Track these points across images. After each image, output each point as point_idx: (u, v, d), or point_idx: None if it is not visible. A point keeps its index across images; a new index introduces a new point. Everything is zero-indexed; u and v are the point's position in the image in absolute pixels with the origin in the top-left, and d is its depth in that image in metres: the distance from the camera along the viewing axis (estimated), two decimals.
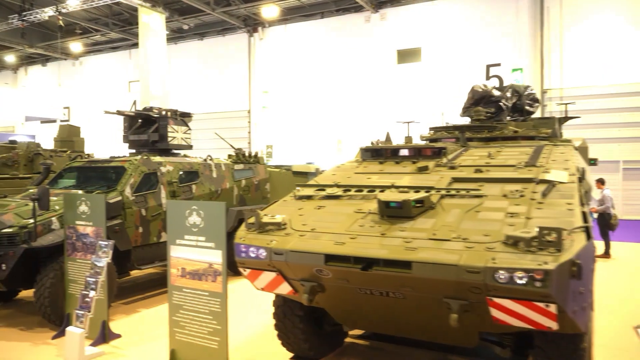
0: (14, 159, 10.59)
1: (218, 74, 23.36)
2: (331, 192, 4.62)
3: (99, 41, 26.70)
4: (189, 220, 4.57)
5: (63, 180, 7.69)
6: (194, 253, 4.56)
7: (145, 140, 8.12)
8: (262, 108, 22.36)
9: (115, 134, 25.81)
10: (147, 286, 8.23)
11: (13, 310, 6.99)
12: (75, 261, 5.86)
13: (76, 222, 5.83)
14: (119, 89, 26.70)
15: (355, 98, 19.86)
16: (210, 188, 8.21)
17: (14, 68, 31.78)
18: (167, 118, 8.09)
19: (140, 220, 6.98)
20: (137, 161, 7.22)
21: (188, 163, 8.02)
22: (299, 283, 3.95)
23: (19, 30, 22.72)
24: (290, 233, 3.99)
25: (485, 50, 17.38)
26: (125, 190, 6.86)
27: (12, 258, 5.75)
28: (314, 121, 20.64)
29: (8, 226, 5.90)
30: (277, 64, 21.85)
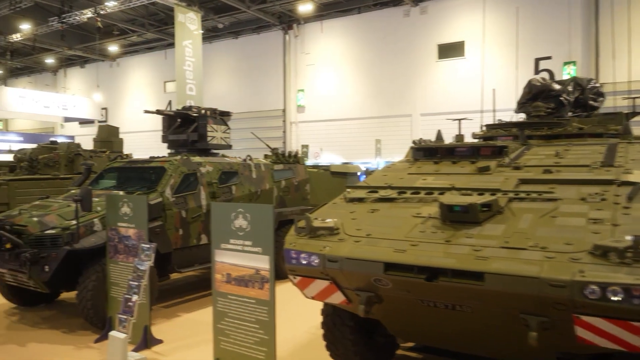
0: (55, 160, 10.82)
1: (252, 73, 23.44)
2: (385, 194, 4.38)
3: (135, 42, 27.27)
4: (235, 223, 4.42)
5: (103, 181, 7.74)
6: (239, 258, 4.41)
7: (184, 140, 8.08)
8: (297, 107, 22.29)
9: (151, 135, 26.40)
10: (185, 289, 8.20)
11: (56, 311, 7.07)
12: (117, 264, 5.83)
13: (118, 223, 5.80)
14: (155, 89, 27.20)
15: (394, 96, 19.50)
16: (249, 189, 8.11)
17: (53, 70, 32.91)
18: (207, 117, 8.03)
19: (180, 222, 6.93)
20: (177, 161, 7.18)
21: (228, 163, 7.94)
22: (353, 293, 3.73)
23: (59, 33, 23.44)
24: (344, 239, 3.78)
25: (534, 43, 16.70)
26: (166, 191, 6.82)
27: (55, 260, 5.77)
28: (352, 120, 20.39)
29: (51, 227, 5.94)
30: (313, 62, 21.72)
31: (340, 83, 20.95)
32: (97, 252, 5.99)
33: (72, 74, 32.21)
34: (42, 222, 5.97)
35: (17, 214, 6.35)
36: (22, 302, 7.14)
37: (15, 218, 6.17)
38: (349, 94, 20.68)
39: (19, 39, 24.69)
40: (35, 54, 29.34)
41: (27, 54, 29.76)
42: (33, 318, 6.74)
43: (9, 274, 6.25)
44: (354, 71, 20.65)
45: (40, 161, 10.69)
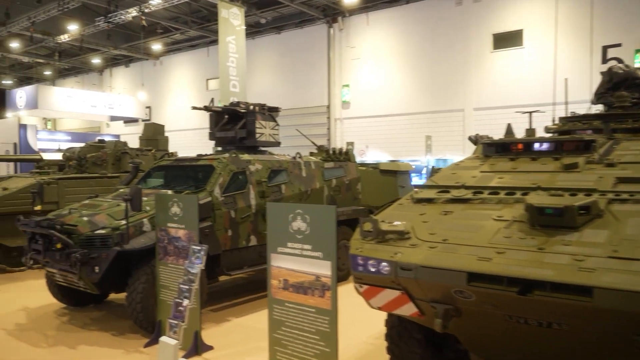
0: (103, 158, 10.95)
1: (296, 69, 23.34)
2: (458, 194, 4.03)
3: (178, 40, 27.76)
4: (293, 225, 4.19)
5: (151, 180, 7.72)
6: (298, 263, 4.17)
7: (232, 137, 7.96)
8: (342, 103, 22.01)
9: (194, 133, 26.82)
10: (234, 292, 8.08)
11: (105, 312, 7.10)
12: (167, 266, 5.74)
13: (168, 224, 5.70)
14: (197, 87, 27.61)
15: (445, 89, 18.89)
16: (299, 188, 7.90)
17: (99, 70, 34.03)
18: (255, 113, 7.88)
19: (229, 222, 6.80)
20: (226, 159, 7.05)
21: (277, 161, 7.76)
22: (427, 304, 3.42)
23: (105, 33, 24.13)
24: (416, 244, 3.47)
25: (601, 29, 15.70)
26: (215, 191, 6.70)
27: (105, 260, 5.75)
28: (399, 116, 19.92)
29: (101, 227, 5.92)
30: (358, 56, 21.38)
31: (388, 77, 20.50)
32: (147, 253, 5.93)
33: (118, 73, 33.19)
34: (92, 222, 5.96)
35: (67, 213, 6.38)
36: (72, 302, 7.21)
37: (65, 217, 6.20)
38: (396, 89, 20.20)
39: (67, 39, 25.59)
40: (82, 55, 30.37)
41: (74, 54, 30.86)
42: (82, 319, 6.78)
43: (59, 274, 6.30)
44: (402, 65, 20.16)
45: (89, 160, 10.85)
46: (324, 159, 8.79)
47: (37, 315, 7.01)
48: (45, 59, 31.35)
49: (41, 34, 24.95)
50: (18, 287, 8.57)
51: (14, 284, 8.78)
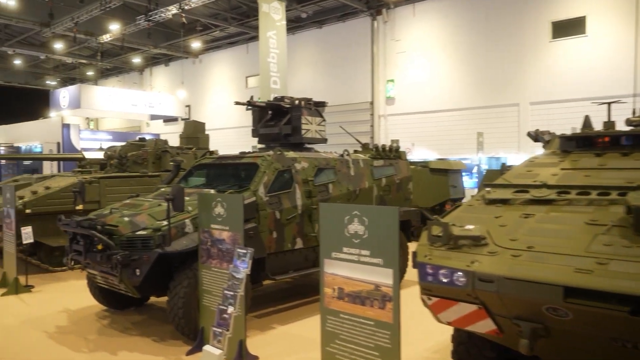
0: (144, 157, 11.00)
1: (338, 64, 23.04)
2: (539, 194, 3.61)
3: (218, 37, 27.99)
4: (349, 228, 3.87)
5: (192, 179, 7.61)
6: (354, 270, 3.85)
7: (277, 134, 7.74)
8: (386, 99, 21.54)
9: (234, 132, 26.95)
10: (278, 297, 7.85)
11: (146, 316, 7.00)
12: (210, 269, 5.54)
13: (211, 225, 5.50)
14: (237, 85, 27.74)
15: (498, 83, 18.11)
16: (347, 188, 7.59)
17: (140, 69, 34.83)
18: (301, 108, 7.62)
19: (274, 224, 6.56)
20: (270, 157, 6.82)
21: (324, 159, 7.48)
22: (509, 322, 3.03)
23: (145, 31, 24.58)
24: (496, 251, 3.08)
25: None
26: (259, 190, 6.48)
27: (146, 263, 5.61)
28: (448, 112, 19.27)
29: (142, 228, 5.79)
30: (404, 49, 20.84)
31: (435, 71, 19.88)
32: (189, 255, 5.77)
33: (158, 72, 33.86)
34: (134, 223, 5.84)
35: (108, 213, 6.31)
36: (113, 304, 7.18)
37: (106, 217, 6.11)
38: (445, 83, 19.56)
39: (109, 39, 26.23)
40: (123, 54, 31.14)
41: (115, 54, 31.69)
42: (123, 323, 6.70)
43: (100, 276, 6.24)
44: (451, 57, 19.50)
45: (129, 158, 10.91)
46: (372, 157, 8.44)
47: (78, 317, 7.00)
48: (87, 60, 32.32)
49: (84, 34, 25.66)
50: (60, 288, 8.65)
51: (56, 284, 8.87)
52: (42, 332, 6.38)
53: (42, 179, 10.76)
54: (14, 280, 8.33)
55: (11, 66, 33.77)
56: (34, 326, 6.64)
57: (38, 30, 25.55)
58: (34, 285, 8.62)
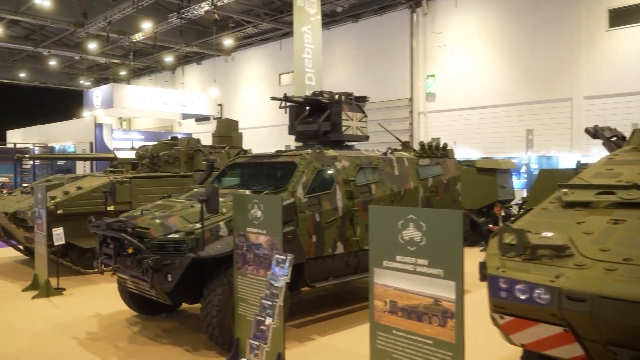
0: (176, 156, 10.92)
1: (375, 59, 22.62)
2: (629, 196, 3.17)
3: (250, 34, 27.99)
4: (404, 234, 3.51)
5: (226, 179, 7.41)
6: (410, 282, 3.49)
7: (315, 131, 7.44)
8: (426, 95, 20.99)
9: (267, 131, 26.90)
10: (316, 305, 7.54)
11: (178, 323, 6.83)
12: (246, 276, 5.27)
13: (247, 228, 5.23)
14: (270, 83, 27.66)
15: (549, 76, 17.32)
16: (391, 188, 7.22)
17: (172, 68, 35.28)
18: (341, 103, 7.29)
19: (314, 227, 6.26)
20: (309, 155, 6.53)
21: (366, 157, 7.14)
22: (601, 347, 2.62)
23: (177, 29, 24.77)
24: (584, 264, 2.68)
25: None
26: (297, 191, 6.20)
27: (179, 268, 5.42)
28: (494, 108, 18.58)
29: (174, 231, 5.59)
30: (445, 42, 20.24)
31: (480, 65, 19.21)
32: (223, 261, 5.54)
33: (190, 71, 34.20)
34: (165, 225, 5.65)
35: (139, 214, 6.14)
36: (144, 310, 7.06)
37: (137, 219, 5.95)
38: (490, 78, 18.87)
39: (141, 38, 26.58)
40: (155, 53, 31.58)
41: (148, 53, 32.17)
42: (155, 330, 6.54)
43: (131, 281, 6.10)
44: (496, 50, 18.80)
45: (161, 158, 10.86)
46: (418, 155, 8.04)
47: (109, 323, 6.89)
48: (120, 59, 32.93)
49: (117, 33, 26.09)
50: (91, 291, 8.60)
51: (87, 287, 8.84)
52: (72, 338, 6.27)
53: (74, 179, 10.80)
54: (45, 282, 8.33)
55: (46, 67, 34.76)
56: (64, 331, 6.56)
57: (72, 31, 26.13)
58: (65, 288, 8.61)
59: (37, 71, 36.76)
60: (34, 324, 6.86)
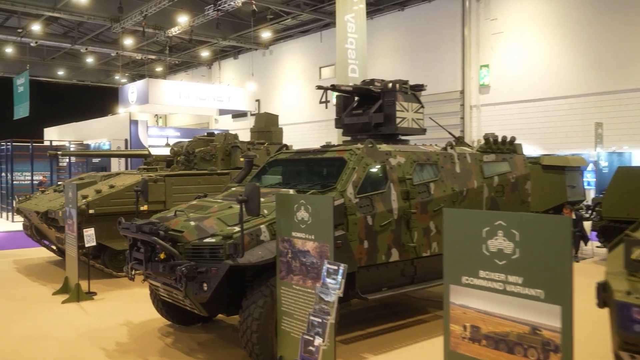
0: (212, 153, 10.65)
1: (423, 50, 21.88)
2: None
3: (289, 25, 27.66)
4: (490, 245, 2.94)
5: (267, 177, 7.00)
6: (499, 303, 2.92)
7: (365, 124, 6.92)
8: (479, 87, 20.09)
9: (306, 127, 26.52)
10: (366, 318, 7.02)
11: (214, 336, 6.46)
12: (291, 287, 4.80)
13: (292, 233, 4.76)
14: (309, 77, 27.28)
15: (620, 64, 16.17)
16: (452, 188, 6.63)
17: (208, 63, 35.42)
18: (395, 92, 6.73)
19: (365, 231, 5.75)
20: (360, 150, 6.01)
21: (424, 153, 6.57)
22: None
23: (214, 22, 24.67)
24: None
25: None
26: (347, 190, 5.69)
27: (215, 277, 5.02)
28: (556, 100, 17.53)
29: (210, 235, 5.19)
30: (501, 29, 19.29)
31: (540, 53, 18.18)
32: (265, 269, 5.11)
33: (226, 66, 34.25)
34: (200, 228, 5.26)
35: (173, 216, 5.78)
36: (177, 320, 6.75)
37: (170, 221, 5.58)
38: (552, 67, 17.83)
39: (177, 32, 26.67)
40: (191, 48, 31.73)
41: (184, 48, 32.38)
42: (189, 342, 6.20)
43: (163, 289, 5.75)
44: (559, 36, 17.73)
45: (197, 155, 10.61)
46: (482, 150, 7.40)
47: (140, 332, 6.61)
48: (156, 55, 33.27)
49: (152, 28, 26.27)
50: (123, 296, 8.36)
51: (119, 292, 8.62)
52: (100, 349, 6.00)
53: (106, 177, 10.66)
54: (76, 286, 8.16)
55: (84, 64, 35.54)
56: (92, 341, 6.32)
57: (108, 27, 26.49)
58: (96, 292, 8.46)
59: (75, 69, 37.67)
60: (62, 332, 6.66)
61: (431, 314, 7.13)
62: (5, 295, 8.55)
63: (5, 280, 9.74)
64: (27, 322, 7.10)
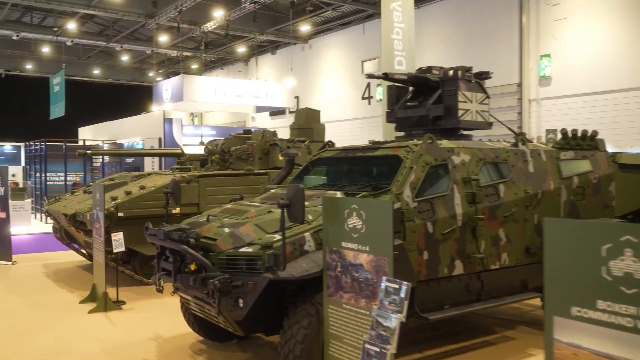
0: (249, 151, 10.29)
1: (475, 40, 20.98)
2: None
3: (330, 18, 27.18)
4: (612, 266, 2.31)
5: (310, 177, 6.53)
6: (626, 345, 2.28)
7: (422, 117, 6.31)
8: (539, 79, 19.09)
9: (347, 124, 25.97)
10: (421, 339, 6.41)
11: (251, 355, 6.07)
12: (341, 306, 4.27)
13: (343, 243, 4.22)
14: (351, 71, 26.74)
15: None
16: (525, 190, 5.97)
17: (245, 60, 35.35)
18: (457, 81, 6.10)
19: (425, 240, 5.17)
20: (419, 147, 5.44)
21: (491, 150, 5.95)
22: None
23: (251, 16, 24.44)
24: None
25: None
26: (404, 193, 5.12)
27: (253, 292, 4.58)
28: (631, 92, 16.37)
29: (247, 243, 4.73)
30: (564, 14, 18.24)
31: (608, 41, 17.05)
32: (310, 284, 4.60)
33: (264, 61, 34.08)
34: (236, 236, 4.82)
35: (205, 221, 5.35)
36: (210, 335, 6.35)
37: (202, 227, 5.15)
38: (622, 55, 16.68)
39: (213, 27, 26.59)
40: (227, 44, 31.66)
41: (220, 44, 32.34)
42: None
43: (194, 303, 5.33)
44: (630, 21, 16.57)
45: (233, 153, 10.28)
46: (558, 147, 6.68)
47: (169, 349, 6.28)
48: (192, 52, 33.40)
49: (188, 23, 26.30)
50: (153, 306, 8.05)
51: (149, 301, 8.31)
52: None
53: (137, 177, 10.44)
54: (103, 295, 7.87)
55: (119, 63, 36.08)
56: (117, 356, 6.08)
57: (143, 23, 26.68)
58: (125, 301, 8.22)
59: (110, 67, 38.30)
60: (86, 346, 6.38)
61: (498, 335, 6.48)
62: (31, 303, 8.40)
63: (33, 286, 9.64)
64: (50, 333, 6.88)
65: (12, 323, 7.37)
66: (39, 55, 32.79)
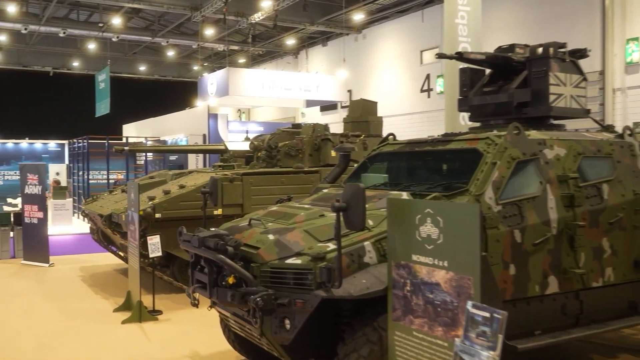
0: (298, 147, 9.84)
1: (550, 23, 19.91)
2: None
3: (385, 5, 26.51)
4: None
5: (368, 175, 5.96)
6: None
7: (503, 104, 5.58)
8: (625, 65, 17.84)
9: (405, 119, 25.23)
10: None
11: None
12: (411, 334, 3.63)
13: (413, 256, 3.56)
14: (408, 62, 26.00)
15: None
16: (634, 190, 5.20)
17: (294, 52, 35.12)
18: (548, 60, 5.33)
19: (512, 251, 4.48)
20: (502, 139, 4.74)
21: (592, 142, 5.20)
22: None
23: (300, 5, 24.08)
24: None
25: None
26: (485, 194, 4.43)
27: (302, 312, 4.04)
28: None
29: (295, 253, 4.19)
30: None
31: None
32: (371, 304, 3.99)
33: (314, 54, 33.75)
34: (282, 244, 4.28)
35: (247, 225, 4.82)
36: (252, 354, 5.83)
37: (243, 233, 4.63)
38: None
39: (261, 18, 26.40)
40: (276, 36, 31.48)
41: (268, 37, 32.21)
42: None
43: (233, 320, 4.84)
44: None
45: (281, 149, 9.85)
46: None
47: None
48: (239, 45, 33.45)
49: (234, 15, 26.24)
50: (191, 318, 7.65)
51: (187, 312, 7.91)
52: None
53: (178, 175, 10.16)
54: (138, 304, 7.54)
55: (164, 58, 36.63)
56: None
57: (189, 16, 26.83)
58: (161, 311, 7.95)
59: (156, 63, 38.94)
60: None
61: None
62: (63, 310, 8.26)
63: (67, 291, 9.54)
64: (80, 346, 6.64)
65: (42, 331, 7.23)
66: (85, 52, 33.63)
